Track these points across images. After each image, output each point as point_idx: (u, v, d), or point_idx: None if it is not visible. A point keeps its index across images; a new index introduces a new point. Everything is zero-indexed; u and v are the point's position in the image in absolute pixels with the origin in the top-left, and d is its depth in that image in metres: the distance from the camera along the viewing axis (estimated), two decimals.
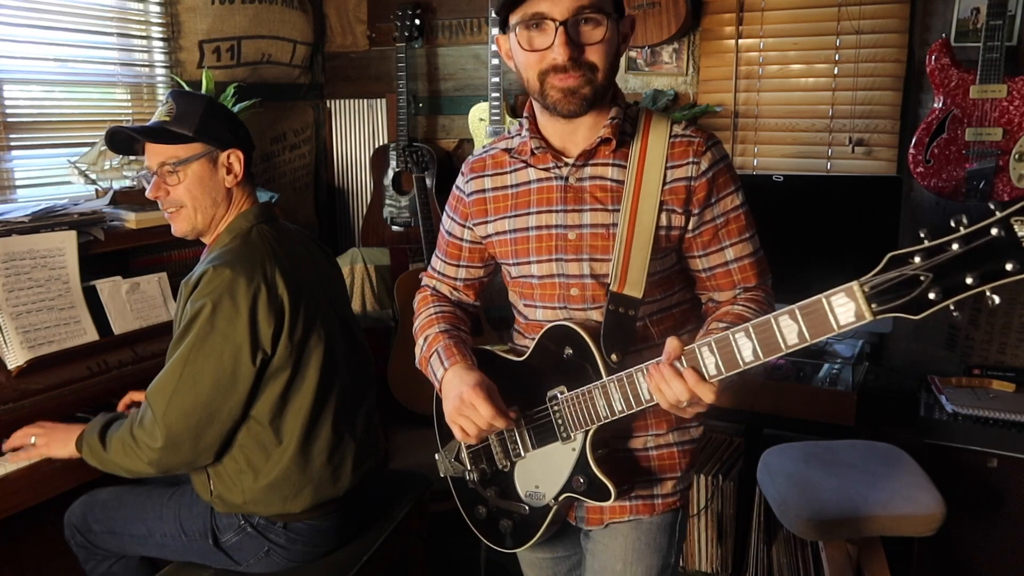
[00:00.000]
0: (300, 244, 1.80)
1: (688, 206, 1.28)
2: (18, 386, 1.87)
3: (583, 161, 1.30)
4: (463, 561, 2.62)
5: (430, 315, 1.49)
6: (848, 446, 2.23)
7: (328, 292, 1.80)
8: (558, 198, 1.32)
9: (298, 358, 1.67)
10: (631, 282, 1.26)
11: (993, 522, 2.21)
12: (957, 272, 0.91)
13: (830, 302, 1.02)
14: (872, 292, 0.98)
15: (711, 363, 1.12)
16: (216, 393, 1.60)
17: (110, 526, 1.83)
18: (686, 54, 2.88)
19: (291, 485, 1.69)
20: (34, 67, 2.48)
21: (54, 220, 2.08)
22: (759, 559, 2.47)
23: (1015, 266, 0.88)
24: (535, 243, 1.34)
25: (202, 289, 1.59)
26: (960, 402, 2.27)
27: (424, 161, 3.05)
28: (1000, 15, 2.21)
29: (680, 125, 1.31)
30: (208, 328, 1.57)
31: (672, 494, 1.39)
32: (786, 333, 1.06)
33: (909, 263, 0.94)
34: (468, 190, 1.43)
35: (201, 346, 1.58)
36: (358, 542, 1.88)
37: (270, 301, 1.60)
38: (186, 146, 1.67)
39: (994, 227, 0.89)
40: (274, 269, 1.64)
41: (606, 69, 1.24)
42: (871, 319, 0.99)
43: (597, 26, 1.21)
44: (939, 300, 0.92)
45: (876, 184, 2.46)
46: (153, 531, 1.79)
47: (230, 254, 1.64)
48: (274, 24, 3.17)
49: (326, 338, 1.72)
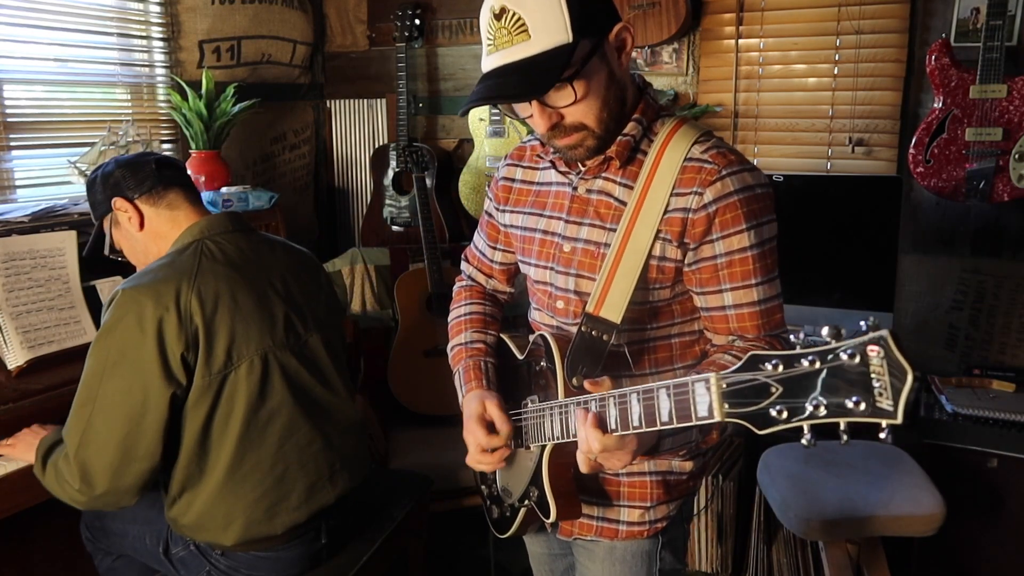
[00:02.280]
0: (262, 264, 1.67)
1: (684, 239, 1.17)
2: (18, 386, 1.87)
3: (593, 174, 1.25)
4: (463, 561, 2.62)
5: (460, 317, 1.50)
6: (848, 446, 2.23)
7: (284, 320, 1.66)
8: (566, 207, 1.29)
9: (219, 389, 1.55)
10: (609, 305, 1.18)
11: (993, 522, 2.21)
12: (804, 392, 0.78)
13: (694, 389, 0.92)
14: (728, 390, 0.86)
15: (613, 416, 1.04)
16: (129, 427, 1.48)
17: (103, 522, 1.87)
18: (686, 54, 2.88)
19: (220, 518, 1.61)
20: (34, 67, 2.48)
21: (54, 220, 2.08)
22: (759, 559, 2.47)
23: (856, 405, 0.74)
24: (537, 246, 1.34)
25: (110, 313, 1.50)
26: (960, 402, 2.27)
27: (424, 161, 3.05)
28: (1000, 15, 2.21)
29: (703, 145, 1.18)
30: (117, 354, 1.47)
31: (640, 523, 1.32)
32: (662, 409, 0.96)
33: (762, 368, 0.82)
34: (501, 174, 1.44)
35: (111, 373, 1.48)
36: (358, 542, 1.88)
37: (180, 325, 1.48)
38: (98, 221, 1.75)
39: (845, 351, 0.75)
40: (191, 292, 1.51)
41: (599, 118, 1.15)
42: (720, 419, 0.87)
43: (561, 89, 1.10)
44: (781, 420, 0.80)
45: (876, 184, 2.46)
46: (127, 531, 1.81)
47: (146, 275, 1.54)
48: (274, 24, 3.17)
49: (262, 369, 1.59)
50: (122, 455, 1.49)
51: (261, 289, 1.64)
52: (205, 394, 1.53)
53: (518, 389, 1.36)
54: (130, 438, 1.49)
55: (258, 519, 1.63)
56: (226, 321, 1.55)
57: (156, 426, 1.50)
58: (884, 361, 0.73)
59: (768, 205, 1.20)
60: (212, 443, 1.58)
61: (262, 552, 1.68)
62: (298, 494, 1.67)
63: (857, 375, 0.74)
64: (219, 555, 1.68)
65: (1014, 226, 2.48)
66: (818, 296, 2.47)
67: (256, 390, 1.59)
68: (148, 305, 1.47)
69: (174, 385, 1.49)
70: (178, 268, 1.55)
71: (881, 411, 0.73)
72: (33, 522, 1.95)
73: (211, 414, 1.56)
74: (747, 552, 2.49)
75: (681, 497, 1.36)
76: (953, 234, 2.57)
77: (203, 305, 1.52)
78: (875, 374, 0.73)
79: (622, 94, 1.19)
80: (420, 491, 2.11)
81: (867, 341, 0.74)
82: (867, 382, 0.74)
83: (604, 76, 1.14)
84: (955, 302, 2.59)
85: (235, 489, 1.61)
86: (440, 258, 2.97)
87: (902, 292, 2.63)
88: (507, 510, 1.39)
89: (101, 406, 1.48)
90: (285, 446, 1.65)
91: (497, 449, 1.30)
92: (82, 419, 1.49)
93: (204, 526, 1.63)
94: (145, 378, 1.47)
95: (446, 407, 2.87)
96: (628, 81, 1.22)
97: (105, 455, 1.49)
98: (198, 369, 1.52)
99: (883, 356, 0.73)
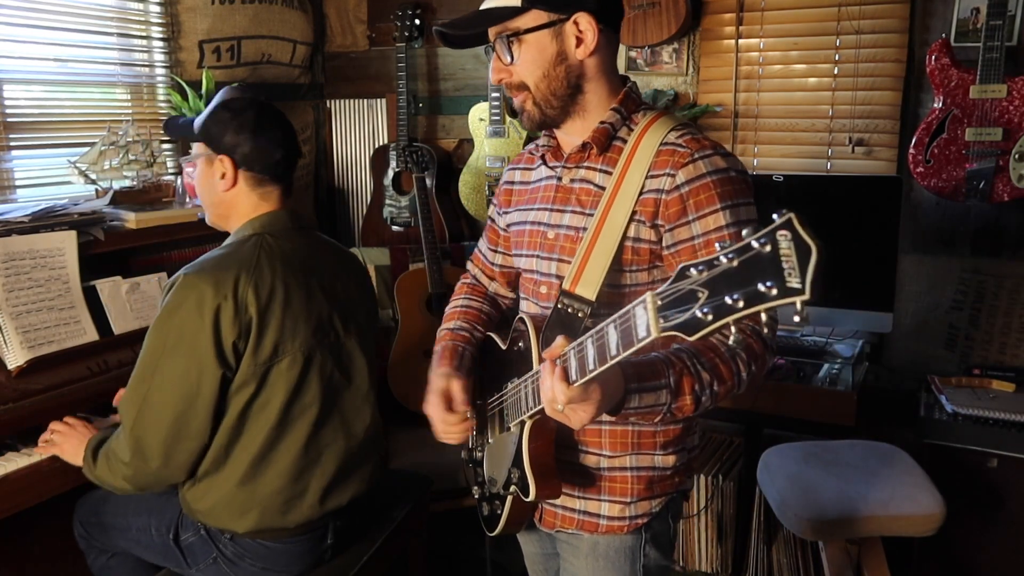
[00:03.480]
0: (314, 264, 1.72)
1: (657, 220, 1.21)
2: (18, 386, 1.87)
3: (575, 163, 1.31)
4: (463, 561, 2.62)
5: (455, 307, 1.56)
6: (848, 446, 2.23)
7: (328, 321, 1.70)
8: (551, 197, 1.34)
9: (262, 380, 1.60)
10: (585, 283, 1.21)
11: (993, 522, 2.21)
12: (727, 289, 0.79)
13: (634, 313, 0.92)
14: (663, 304, 0.86)
15: (573, 366, 1.04)
16: (183, 406, 1.55)
17: (101, 517, 1.87)
18: (686, 54, 2.88)
19: (237, 506, 1.65)
20: (34, 67, 2.48)
21: (54, 220, 2.08)
22: (759, 559, 2.47)
23: (769, 288, 0.75)
24: (527, 237, 1.38)
25: (171, 296, 1.55)
26: (960, 402, 2.27)
27: (424, 161, 3.05)
28: (1000, 15, 2.21)
29: (678, 132, 1.23)
30: (176, 337, 1.54)
31: (620, 518, 1.33)
32: (611, 343, 0.96)
33: (688, 276, 0.83)
34: (504, 179, 1.51)
35: (170, 355, 1.54)
36: (358, 542, 1.88)
37: (236, 314, 1.54)
38: (197, 144, 1.72)
39: (757, 240, 0.76)
40: (248, 284, 1.57)
41: (537, 85, 1.24)
42: (656, 335, 0.87)
43: (509, 46, 1.23)
44: (708, 321, 0.80)
45: (876, 184, 2.46)
46: (131, 524, 1.81)
47: (208, 262, 1.60)
48: (274, 24, 3.17)
49: (303, 365, 1.64)
50: (176, 432, 1.57)
51: (310, 288, 1.69)
52: (248, 382, 1.59)
53: (501, 377, 1.37)
54: (184, 416, 1.56)
55: (274, 511, 1.67)
56: (277, 315, 1.60)
57: (208, 406, 1.57)
58: (791, 243, 0.74)
59: (744, 190, 1.22)
60: (245, 431, 1.63)
61: (270, 542, 1.70)
62: (314, 492, 1.71)
63: (769, 262, 0.75)
64: (228, 539, 1.70)
65: (1014, 226, 2.48)
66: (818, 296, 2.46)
67: (294, 385, 1.64)
68: (208, 292, 1.53)
69: (224, 367, 1.56)
70: (238, 259, 1.60)
71: (791, 290, 0.74)
72: (31, 523, 1.94)
73: (250, 402, 1.61)
74: (747, 552, 2.49)
75: (665, 494, 1.35)
76: (953, 234, 2.57)
77: (258, 297, 1.58)
78: (784, 257, 0.74)
79: (575, 81, 1.25)
80: (420, 491, 2.11)
81: (776, 227, 0.75)
82: (778, 265, 0.75)
83: (550, 52, 1.23)
84: (955, 302, 2.59)
85: (257, 479, 1.65)
86: (440, 258, 2.97)
87: (902, 292, 2.63)
88: (495, 503, 1.39)
89: (158, 384, 1.55)
90: (310, 443, 1.69)
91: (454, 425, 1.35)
92: (139, 395, 1.56)
93: (219, 513, 1.66)
94: (200, 361, 1.54)
95: None
96: (595, 75, 1.27)
97: (160, 430, 1.56)
98: (245, 357, 1.58)
99: (791, 239, 0.74)
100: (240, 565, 1.71)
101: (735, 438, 2.69)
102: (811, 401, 2.30)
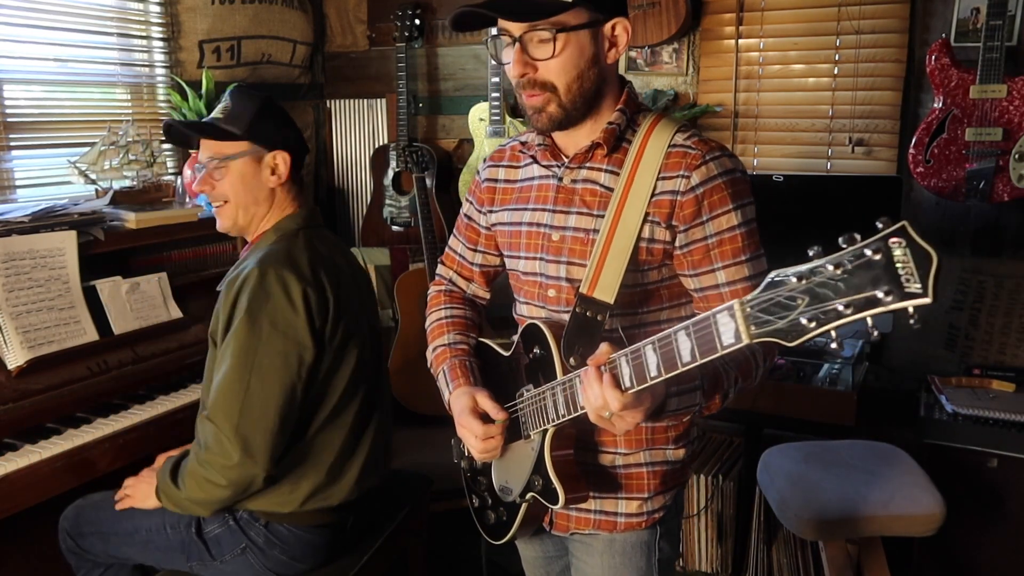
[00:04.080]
0: (340, 253, 1.80)
1: (672, 221, 1.22)
2: (18, 386, 1.87)
3: (578, 164, 1.30)
4: (463, 561, 2.62)
5: (440, 320, 1.51)
6: (848, 446, 2.23)
7: (363, 303, 1.79)
8: (551, 198, 1.32)
9: (333, 361, 1.66)
10: (602, 286, 1.22)
11: (993, 522, 2.21)
12: (831, 296, 0.81)
13: (716, 320, 0.93)
14: (753, 311, 0.88)
15: (626, 374, 1.06)
16: (287, 396, 1.57)
17: (99, 527, 1.82)
18: (686, 54, 2.88)
19: (289, 484, 1.68)
20: (34, 67, 2.48)
21: (54, 220, 2.08)
22: (759, 559, 2.47)
23: (886, 294, 0.76)
24: (525, 239, 1.36)
25: (255, 288, 1.57)
26: (960, 402, 2.27)
27: (424, 161, 3.05)
28: (1000, 15, 2.21)
29: (684, 134, 1.24)
30: (269, 327, 1.56)
31: (638, 515, 1.34)
32: (682, 350, 0.98)
33: (784, 283, 0.85)
34: (483, 176, 1.47)
35: (265, 348, 1.56)
36: (364, 539, 1.87)
37: (320, 300, 1.60)
38: (234, 144, 1.70)
39: (868, 248, 0.78)
40: (320, 271, 1.64)
41: (569, 86, 1.21)
42: (747, 342, 0.89)
43: (545, 43, 1.18)
44: (812, 328, 0.82)
45: (876, 184, 2.46)
46: (139, 527, 1.79)
47: (279, 253, 1.63)
48: (274, 24, 3.17)
49: (359, 347, 1.72)
50: (280, 423, 1.58)
51: (346, 278, 1.74)
52: (324, 363, 1.64)
53: (508, 384, 1.36)
54: (287, 406, 1.58)
55: (322, 487, 1.71)
56: (343, 301, 1.67)
57: (301, 395, 1.60)
58: (907, 250, 0.76)
59: (747, 189, 1.25)
60: (312, 410, 1.67)
61: (302, 528, 1.72)
62: (355, 472, 1.75)
63: (882, 268, 0.77)
64: (262, 526, 1.70)
65: (1014, 226, 2.48)
66: None
67: (353, 367, 1.70)
68: (292, 279, 1.58)
69: (320, 349, 1.61)
70: (304, 248, 1.66)
71: (911, 294, 0.75)
72: (30, 523, 1.94)
73: (324, 382, 1.66)
74: (747, 552, 2.50)
75: (676, 486, 1.38)
76: (953, 234, 2.57)
77: (331, 284, 1.64)
78: (899, 263, 0.76)
79: (600, 84, 1.24)
80: (420, 491, 2.11)
81: (888, 234, 0.77)
82: (893, 272, 0.76)
83: (589, 54, 1.21)
84: (955, 302, 2.59)
85: (316, 456, 1.69)
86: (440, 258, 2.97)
87: None
88: (505, 511, 1.38)
89: (259, 377, 1.56)
90: (355, 423, 1.74)
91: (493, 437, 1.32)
92: (239, 393, 1.56)
93: (264, 493, 1.67)
94: (300, 345, 1.58)
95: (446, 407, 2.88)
96: (612, 79, 1.27)
97: (266, 423, 1.57)
98: (325, 341, 1.63)
99: (905, 245, 0.76)
100: (268, 553, 1.71)
101: (735, 438, 2.69)
102: (811, 401, 2.30)
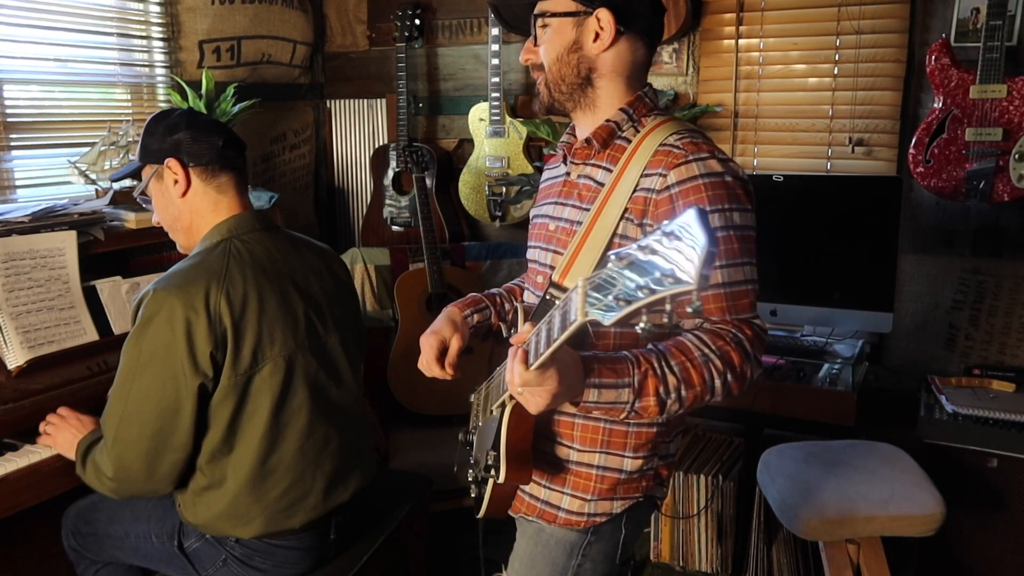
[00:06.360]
0: (286, 265, 1.69)
1: (646, 219, 1.21)
2: (18, 386, 1.87)
3: (582, 160, 1.35)
4: (463, 561, 2.62)
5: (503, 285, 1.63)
6: (848, 446, 2.23)
7: (305, 321, 1.68)
8: (559, 191, 1.39)
9: (244, 390, 1.58)
10: (573, 276, 1.24)
11: (993, 522, 2.21)
12: (636, 278, 0.80)
13: (571, 296, 0.92)
14: (590, 287, 0.86)
15: (531, 351, 1.05)
16: (162, 421, 1.54)
17: (94, 528, 1.84)
18: (686, 54, 2.88)
19: (240, 515, 1.65)
20: (34, 67, 2.48)
21: (54, 220, 2.08)
22: (759, 559, 2.47)
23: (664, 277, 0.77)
24: (535, 230, 1.44)
25: (143, 312, 1.53)
26: (960, 402, 2.27)
27: (424, 161, 3.05)
28: (1000, 15, 2.21)
29: (679, 135, 1.24)
30: (148, 354, 1.52)
31: (579, 514, 1.34)
32: (555, 325, 0.98)
33: (609, 261, 0.83)
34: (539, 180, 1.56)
35: (144, 371, 1.52)
36: (358, 542, 1.87)
37: (209, 327, 1.51)
38: (144, 171, 1.71)
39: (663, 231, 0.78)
40: (220, 294, 1.54)
41: (550, 68, 1.31)
42: (582, 320, 0.87)
43: (541, 30, 1.31)
44: (618, 308, 0.81)
45: (876, 184, 2.46)
46: (128, 532, 1.79)
47: (177, 275, 1.57)
48: (274, 24, 3.17)
49: (285, 371, 1.62)
50: (156, 447, 1.55)
51: (285, 290, 1.66)
52: (230, 394, 1.57)
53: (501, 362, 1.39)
54: (163, 432, 1.54)
55: (278, 515, 1.67)
56: (253, 323, 1.58)
57: (188, 419, 1.55)
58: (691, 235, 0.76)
59: (739, 195, 1.21)
60: (238, 443, 1.61)
61: (276, 541, 1.70)
62: (316, 492, 1.70)
63: (673, 253, 0.77)
64: (234, 542, 1.69)
65: (1014, 226, 2.48)
66: (818, 296, 2.47)
67: (279, 391, 1.62)
68: (178, 307, 1.51)
69: (201, 377, 1.53)
70: (207, 269, 1.57)
71: (680, 280, 0.76)
72: (29, 524, 1.94)
73: (236, 413, 1.59)
74: (747, 552, 2.49)
75: (628, 497, 1.35)
76: (953, 234, 2.57)
77: (232, 307, 1.55)
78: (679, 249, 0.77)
79: (587, 73, 1.30)
80: (420, 491, 2.11)
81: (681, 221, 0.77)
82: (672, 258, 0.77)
83: (568, 39, 1.28)
84: (955, 302, 2.59)
85: (258, 488, 1.64)
86: (440, 258, 2.97)
87: (902, 292, 2.63)
88: (481, 485, 1.40)
89: (135, 401, 1.53)
90: (305, 446, 1.68)
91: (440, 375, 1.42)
92: (116, 412, 1.55)
93: (221, 524, 1.66)
94: (176, 374, 1.52)
95: (446, 407, 2.88)
96: (609, 72, 1.30)
97: (139, 446, 1.54)
98: (225, 369, 1.55)
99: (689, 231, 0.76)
100: (251, 564, 1.71)
101: (735, 438, 2.69)
102: (811, 401, 2.30)
